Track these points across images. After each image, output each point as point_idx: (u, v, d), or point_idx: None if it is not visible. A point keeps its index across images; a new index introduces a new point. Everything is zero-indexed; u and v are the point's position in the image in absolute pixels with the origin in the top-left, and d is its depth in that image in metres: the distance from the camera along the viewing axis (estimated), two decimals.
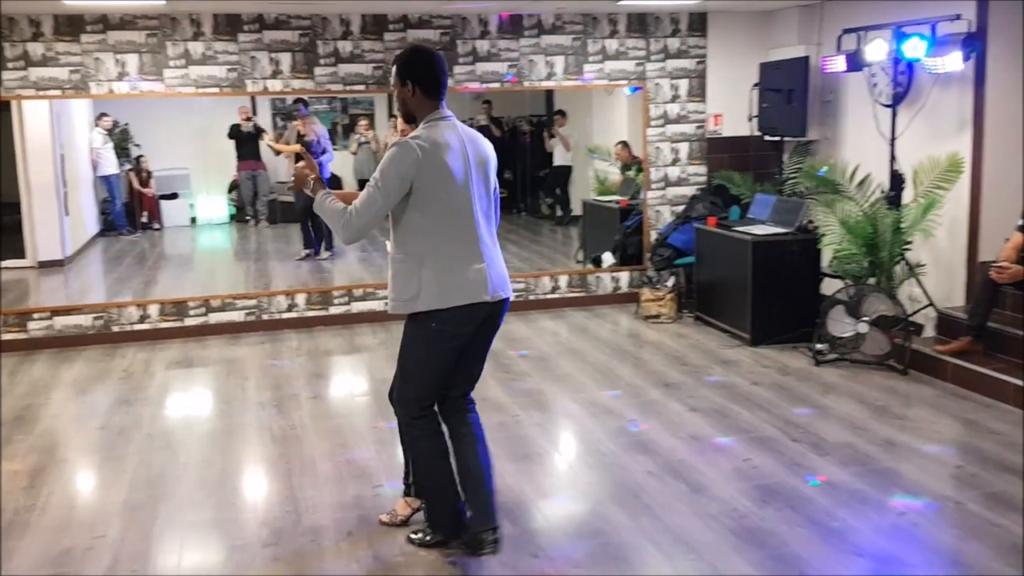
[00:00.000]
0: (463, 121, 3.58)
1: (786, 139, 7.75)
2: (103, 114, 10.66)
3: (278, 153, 10.62)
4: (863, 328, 5.90)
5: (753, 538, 3.71)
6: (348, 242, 3.42)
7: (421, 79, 3.41)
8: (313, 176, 3.50)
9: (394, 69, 3.47)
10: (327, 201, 3.41)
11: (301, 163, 3.54)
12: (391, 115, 10.94)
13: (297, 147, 9.44)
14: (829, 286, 6.63)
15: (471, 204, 3.43)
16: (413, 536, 3.73)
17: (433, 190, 3.33)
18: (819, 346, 6.18)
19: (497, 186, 3.67)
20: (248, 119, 10.71)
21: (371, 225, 3.34)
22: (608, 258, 8.38)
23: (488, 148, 3.56)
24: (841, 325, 6.00)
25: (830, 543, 3.66)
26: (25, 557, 3.70)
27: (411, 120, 3.53)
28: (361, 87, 7.50)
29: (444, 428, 3.65)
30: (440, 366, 3.51)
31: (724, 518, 3.89)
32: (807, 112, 7.19)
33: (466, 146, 3.43)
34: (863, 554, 3.58)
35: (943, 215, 6.07)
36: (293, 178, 3.54)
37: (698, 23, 7.98)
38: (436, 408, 3.61)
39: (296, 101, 9.71)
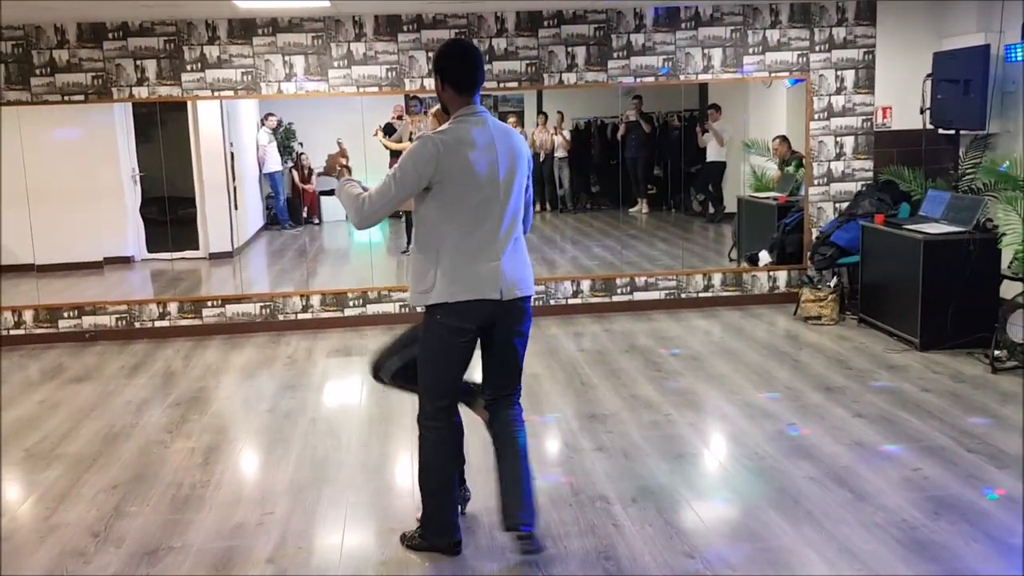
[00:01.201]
0: (614, 117, 3.53)
1: (962, 132, 7.31)
2: (270, 114, 11.12)
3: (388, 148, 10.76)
4: None
5: (924, 551, 3.52)
6: (360, 227, 3.39)
7: (451, 74, 3.39)
8: (342, 164, 3.55)
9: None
10: (346, 186, 3.46)
11: (335, 154, 3.60)
12: (539, 111, 10.97)
13: (406, 144, 9.61)
14: (1009, 289, 6.22)
15: (494, 202, 3.37)
16: (405, 538, 3.71)
17: (452, 186, 3.30)
18: (997, 352, 5.82)
19: (530, 185, 3.59)
20: (400, 118, 10.95)
21: (383, 213, 3.35)
22: (765, 256, 8.14)
23: (521, 146, 3.49)
24: (1022, 331, 5.62)
25: (1010, 561, 3.44)
26: (202, 529, 3.91)
27: (447, 112, 3.50)
28: (514, 84, 7.56)
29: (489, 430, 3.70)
30: (447, 362, 3.47)
31: (892, 528, 3.71)
32: (986, 104, 6.76)
33: (496, 144, 3.37)
34: None
35: None
36: (326, 162, 3.60)
37: (866, 11, 7.65)
38: (454, 414, 3.60)
39: (413, 98, 9.86)
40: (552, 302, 7.82)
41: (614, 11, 7.51)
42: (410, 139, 9.64)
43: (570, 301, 7.86)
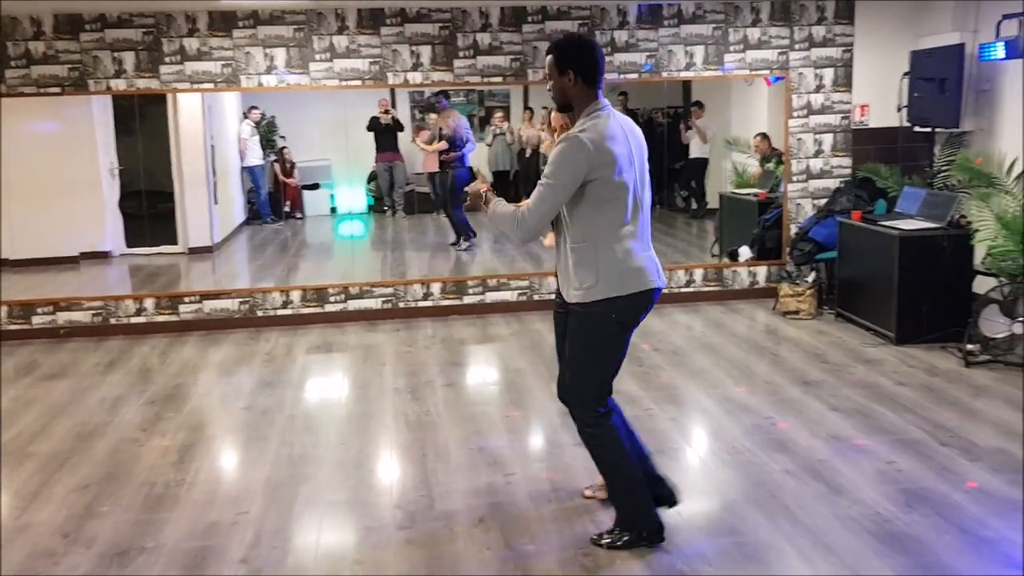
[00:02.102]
0: None
1: (937, 130, 7.37)
2: (253, 107, 11.07)
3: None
4: (1019, 329, 5.59)
5: (897, 544, 3.55)
6: (524, 241, 3.40)
7: (583, 68, 3.39)
8: (485, 190, 3.54)
9: (551, 58, 3.44)
10: (497, 208, 3.45)
11: (474, 184, 3.58)
12: (526, 107, 10.97)
13: (442, 144, 9.59)
14: (982, 284, 6.28)
15: (636, 192, 3.43)
16: (602, 539, 3.65)
17: (605, 182, 3.32)
18: (970, 347, 5.87)
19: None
20: (387, 112, 10.94)
21: (544, 222, 3.35)
22: (745, 252, 8.18)
23: (641, 136, 3.56)
24: (995, 325, 5.69)
25: (981, 553, 3.47)
26: (175, 529, 3.89)
27: (565, 110, 3.52)
28: (499, 79, 7.55)
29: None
30: (616, 356, 3.53)
31: (866, 521, 3.74)
32: (961, 102, 6.81)
33: (627, 135, 3.42)
34: (1017, 567, 3.38)
35: None
36: (468, 199, 3.57)
37: (845, 10, 7.69)
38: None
39: (438, 94, 9.85)
40: (536, 297, 7.82)
41: (598, 7, 7.51)
42: (440, 137, 9.59)
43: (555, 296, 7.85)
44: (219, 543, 3.74)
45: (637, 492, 3.60)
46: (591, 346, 3.49)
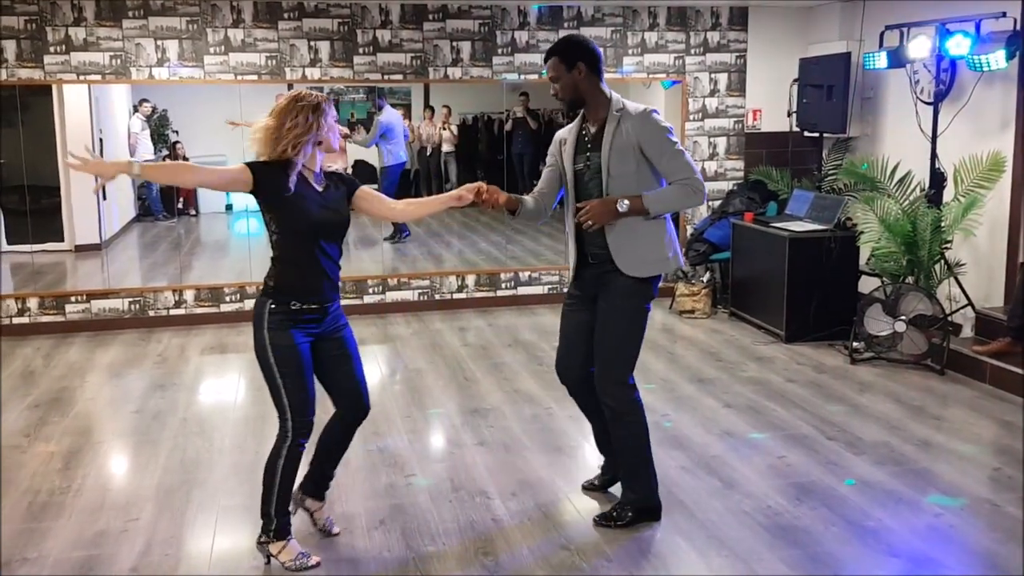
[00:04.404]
0: (501, 113, 3.61)
1: (825, 135, 7.65)
2: (144, 100, 10.72)
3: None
4: (900, 327, 5.83)
5: (787, 536, 3.67)
6: (704, 200, 3.58)
7: (590, 59, 3.55)
8: (612, 202, 3.50)
9: (555, 60, 3.54)
10: (660, 195, 3.51)
11: (591, 204, 3.54)
12: (426, 106, 10.92)
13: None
14: (866, 284, 6.55)
15: None
16: (614, 518, 3.77)
17: None
18: (855, 344, 6.12)
19: None
20: None
21: None
22: None
23: None
24: (878, 324, 5.93)
25: (865, 543, 3.62)
26: (60, 538, 3.73)
27: (577, 106, 3.61)
28: (399, 76, 7.50)
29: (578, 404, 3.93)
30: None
31: (758, 515, 3.86)
32: (847, 108, 7.09)
33: None
34: (898, 555, 3.53)
35: (984, 214, 5.97)
36: (591, 215, 3.52)
37: (739, 17, 7.91)
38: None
39: (372, 90, 9.79)
40: (437, 297, 7.80)
41: (498, 7, 7.53)
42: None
43: (455, 296, 7.86)
44: (107, 552, 3.61)
45: (652, 470, 3.78)
46: (638, 324, 3.65)
